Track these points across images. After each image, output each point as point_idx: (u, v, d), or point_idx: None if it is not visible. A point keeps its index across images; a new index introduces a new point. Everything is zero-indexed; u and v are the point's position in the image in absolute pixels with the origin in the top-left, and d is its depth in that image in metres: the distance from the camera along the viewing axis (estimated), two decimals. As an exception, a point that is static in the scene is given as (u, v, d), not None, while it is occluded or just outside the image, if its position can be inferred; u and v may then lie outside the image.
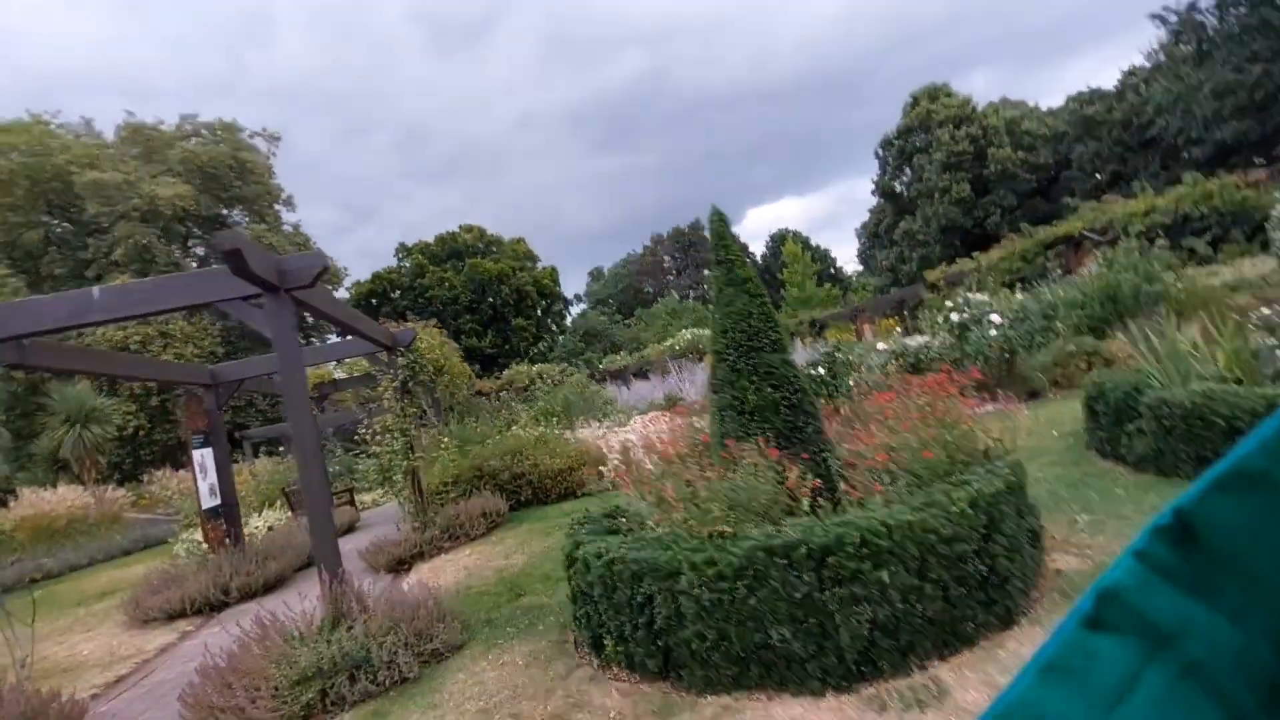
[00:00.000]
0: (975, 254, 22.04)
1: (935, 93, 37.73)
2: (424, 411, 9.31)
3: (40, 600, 11.06)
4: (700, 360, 23.46)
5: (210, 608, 7.11)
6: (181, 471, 23.53)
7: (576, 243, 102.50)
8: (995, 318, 9.51)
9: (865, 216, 44.82)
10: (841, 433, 4.51)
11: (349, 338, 8.47)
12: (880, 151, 40.78)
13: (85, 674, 5.66)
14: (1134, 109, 31.82)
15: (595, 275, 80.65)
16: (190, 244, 38.83)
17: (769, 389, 4.03)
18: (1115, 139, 32.85)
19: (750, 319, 4.15)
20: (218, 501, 7.98)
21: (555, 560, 6.13)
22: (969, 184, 34.76)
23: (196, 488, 7.79)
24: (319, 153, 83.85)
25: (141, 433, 28.20)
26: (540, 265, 54.75)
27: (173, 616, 6.98)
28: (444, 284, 47.46)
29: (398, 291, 48.77)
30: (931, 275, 22.59)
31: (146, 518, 18.77)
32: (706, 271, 72.18)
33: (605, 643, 3.39)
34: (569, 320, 59.02)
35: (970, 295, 10.28)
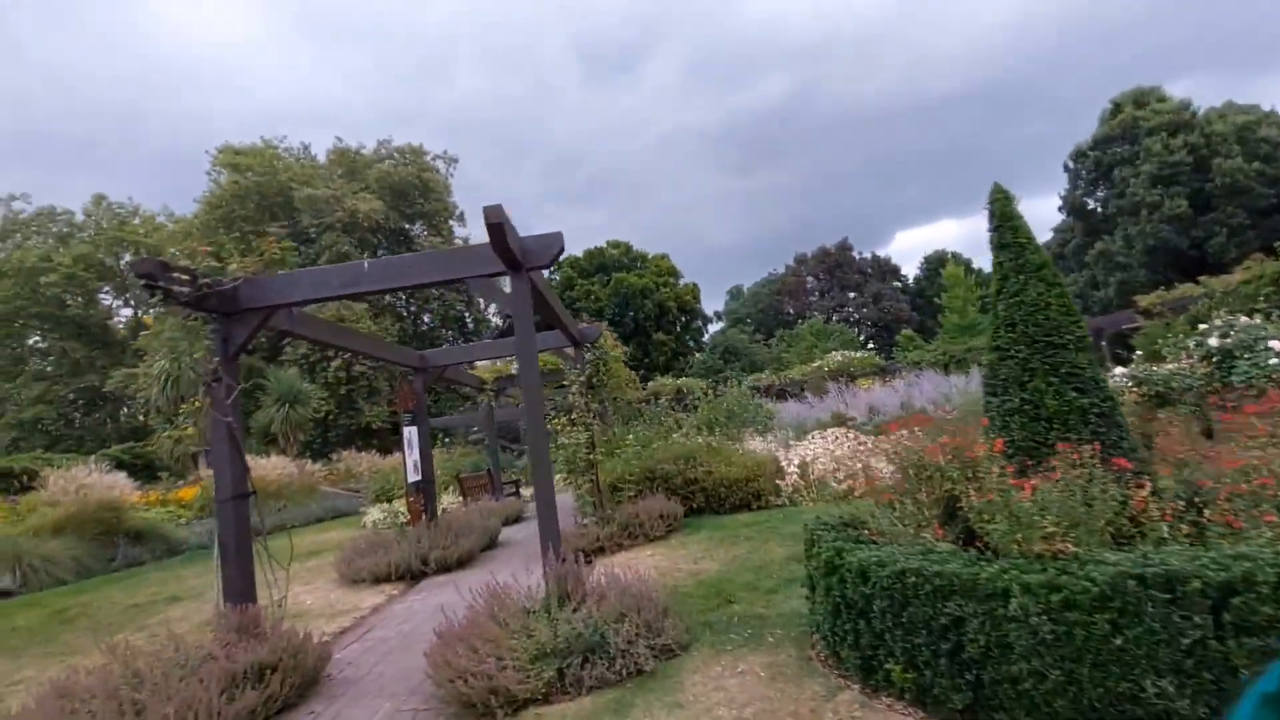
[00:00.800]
0: (1202, 278, 18.80)
1: (1143, 97, 33.22)
2: (603, 409, 9.39)
3: (258, 553, 12.65)
4: (851, 382, 22.14)
5: (411, 575, 7.52)
6: (366, 454, 26.08)
7: (714, 261, 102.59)
8: (1276, 344, 7.84)
9: (1041, 240, 40.33)
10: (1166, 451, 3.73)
11: (543, 331, 8.72)
12: (1071, 164, 36.56)
13: (312, 621, 6.13)
14: None
15: (734, 294, 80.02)
16: (379, 252, 43.55)
17: (1073, 393, 3.39)
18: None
19: (1048, 310, 3.54)
20: (419, 477, 8.51)
21: (754, 570, 5.76)
22: (1186, 200, 30.06)
23: (405, 462, 8.35)
24: (480, 175, 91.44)
25: (330, 417, 31.70)
26: (682, 282, 55.25)
27: (378, 580, 7.46)
28: (590, 296, 49.34)
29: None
30: (1146, 301, 19.60)
31: (335, 491, 20.91)
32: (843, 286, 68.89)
33: (886, 667, 2.94)
34: (707, 337, 58.85)
35: (1237, 318, 8.59)
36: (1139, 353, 14.91)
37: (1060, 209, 38.22)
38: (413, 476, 8.39)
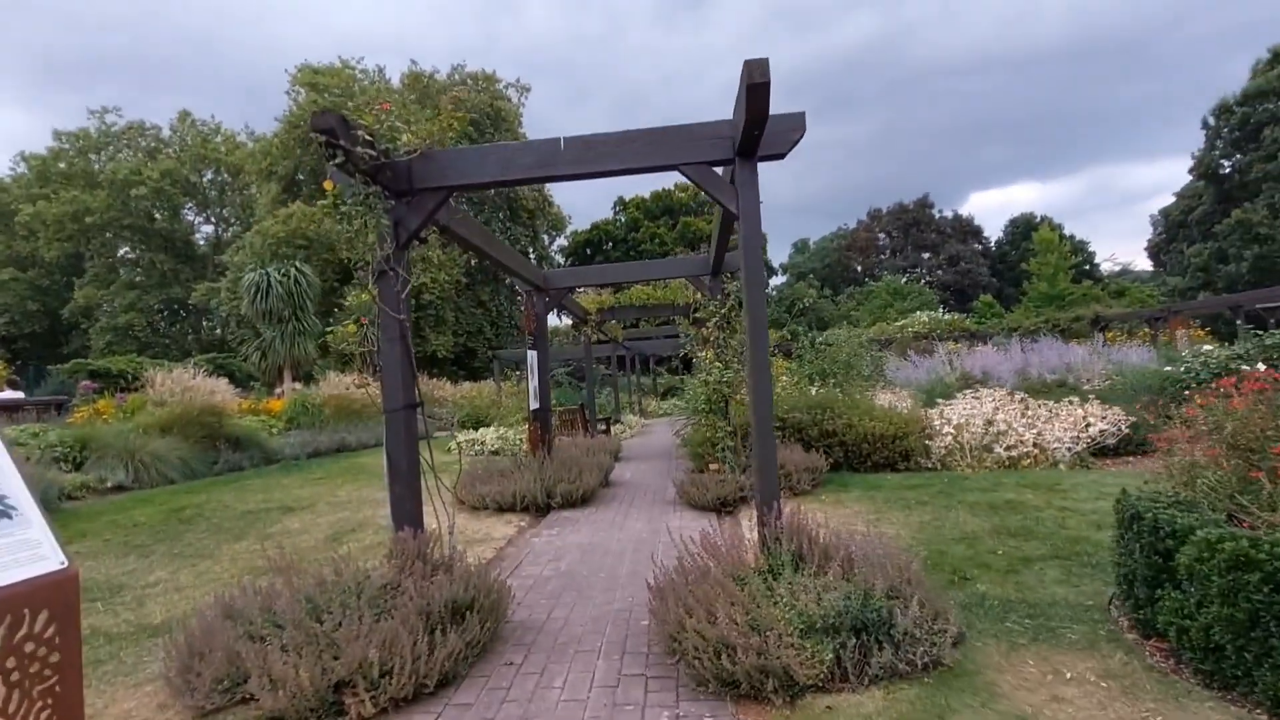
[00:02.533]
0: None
1: (1314, 45, 29.02)
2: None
3: (349, 469, 12.57)
4: (937, 344, 20.69)
5: (536, 508, 7.01)
6: (436, 381, 26.18)
7: (779, 214, 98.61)
8: None
9: (1138, 208, 36.49)
10: None
11: (692, 254, 7.82)
12: (1212, 120, 32.67)
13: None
14: None
15: (799, 247, 77.06)
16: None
17: None
18: None
19: None
20: (538, 405, 7.94)
21: (960, 543, 4.93)
22: (1353, 166, 26.45)
23: (528, 387, 7.77)
24: (545, 111, 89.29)
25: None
26: (752, 230, 53.17)
27: (502, 508, 6.99)
28: (655, 239, 48.11)
29: (611, 243, 50.50)
30: (1310, 275, 17.27)
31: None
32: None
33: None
34: (771, 289, 57.00)
35: None
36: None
37: (1191, 171, 34.48)
38: (533, 404, 7.82)
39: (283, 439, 14.05)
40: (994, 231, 62.48)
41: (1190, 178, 35.26)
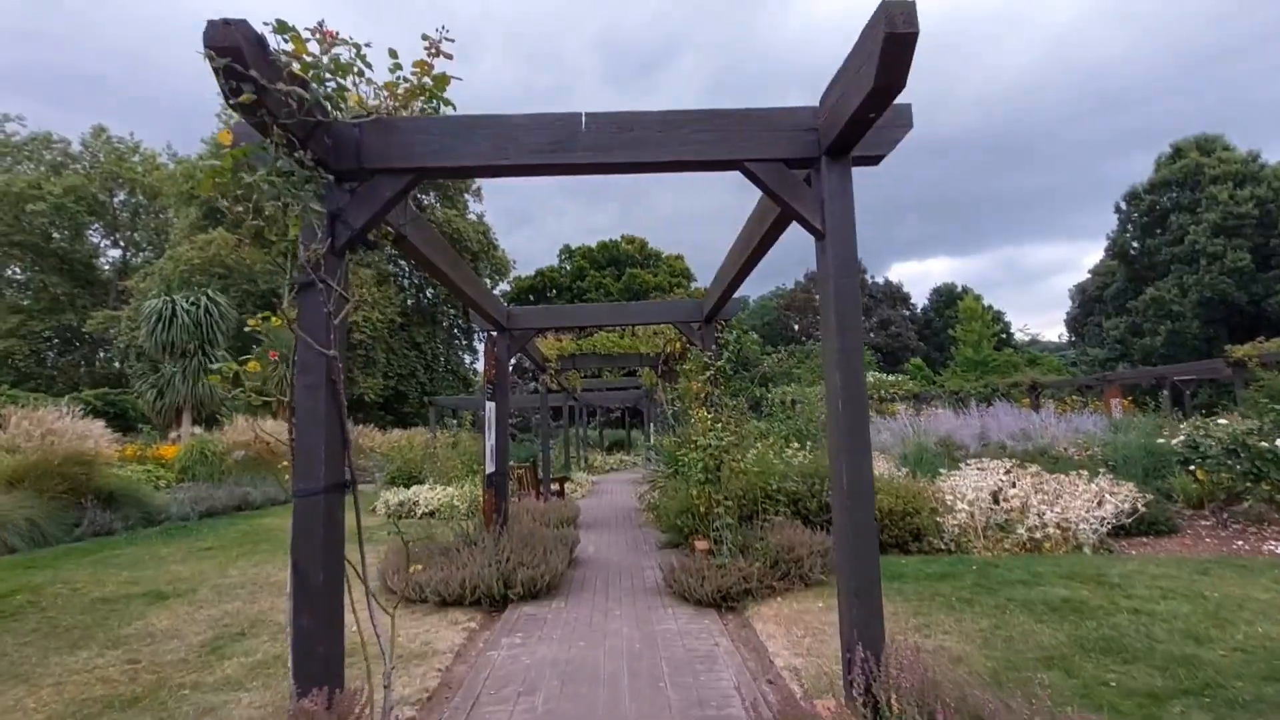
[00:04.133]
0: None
1: (1209, 144, 32.02)
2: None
3: (248, 535, 10.52)
4: (899, 404, 20.56)
5: (491, 601, 5.56)
6: (363, 428, 23.89)
7: (711, 272, 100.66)
8: None
9: (1038, 285, 38.96)
10: None
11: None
12: (1124, 205, 35.32)
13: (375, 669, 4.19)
14: None
15: (741, 304, 78.57)
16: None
17: None
18: None
19: None
20: (495, 468, 6.57)
21: (1034, 658, 3.89)
22: (1249, 253, 28.82)
23: (483, 447, 6.41)
24: None
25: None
26: (695, 285, 53.73)
27: (446, 602, 5.50)
28: (601, 289, 47.53)
29: (555, 290, 49.54)
30: (1240, 351, 18.06)
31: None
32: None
33: None
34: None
35: None
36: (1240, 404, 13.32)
37: (1107, 250, 36.99)
38: (489, 466, 6.45)
39: (171, 494, 11.87)
40: (919, 299, 65.50)
41: (1105, 256, 37.81)
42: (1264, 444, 7.02)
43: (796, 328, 71.77)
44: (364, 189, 2.80)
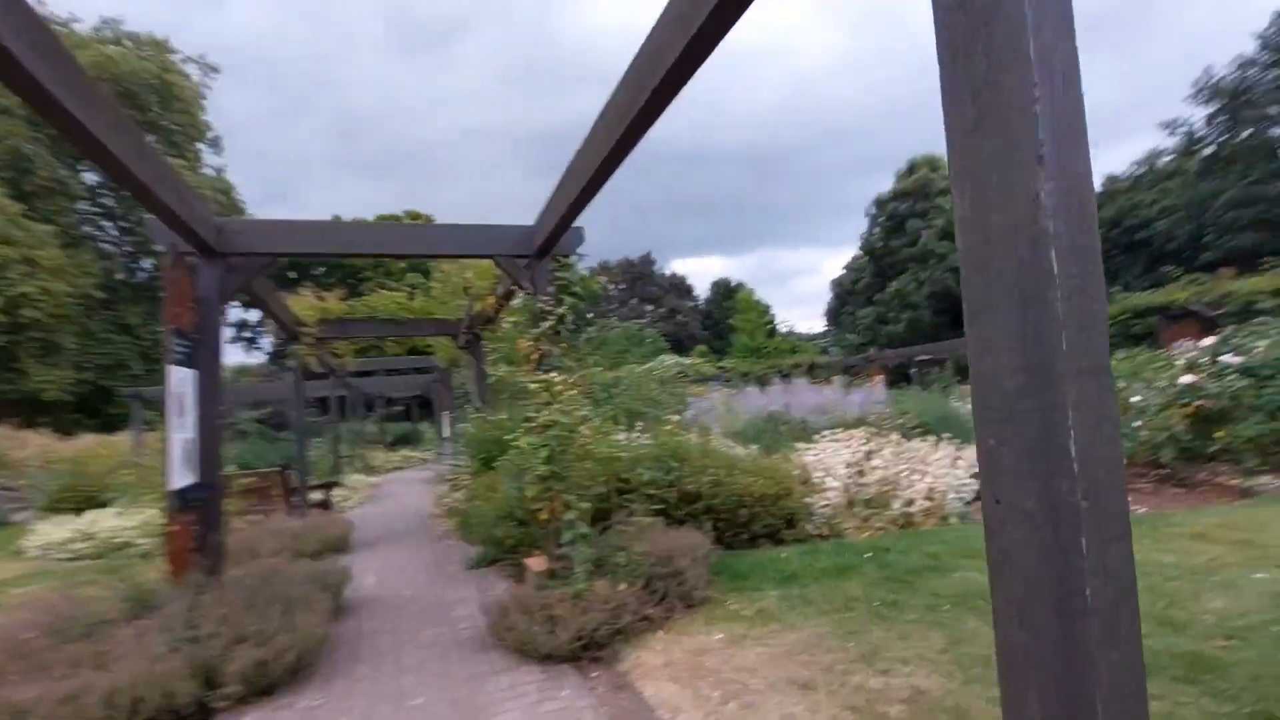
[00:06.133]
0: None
1: (936, 163, 37.91)
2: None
3: None
4: (712, 384, 20.64)
5: (178, 718, 3.07)
6: (31, 434, 17.41)
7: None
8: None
9: (790, 283, 44.21)
10: None
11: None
12: (873, 209, 40.47)
13: None
14: (1124, 211, 32.92)
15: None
16: (84, 163, 31.90)
17: None
18: (1103, 236, 33.80)
19: None
20: (194, 479, 3.94)
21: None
22: (964, 254, 34.65)
23: (169, 446, 3.74)
24: (245, 116, 74.64)
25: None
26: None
27: (71, 740, 2.89)
28: (380, 268, 42.24)
29: (324, 268, 42.91)
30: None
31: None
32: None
33: None
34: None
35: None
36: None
37: (860, 248, 42.14)
38: (179, 479, 3.82)
39: None
40: (702, 291, 69.93)
41: (857, 255, 43.16)
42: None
43: (591, 315, 72.01)
44: None
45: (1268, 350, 7.76)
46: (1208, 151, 28.28)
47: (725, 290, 70.22)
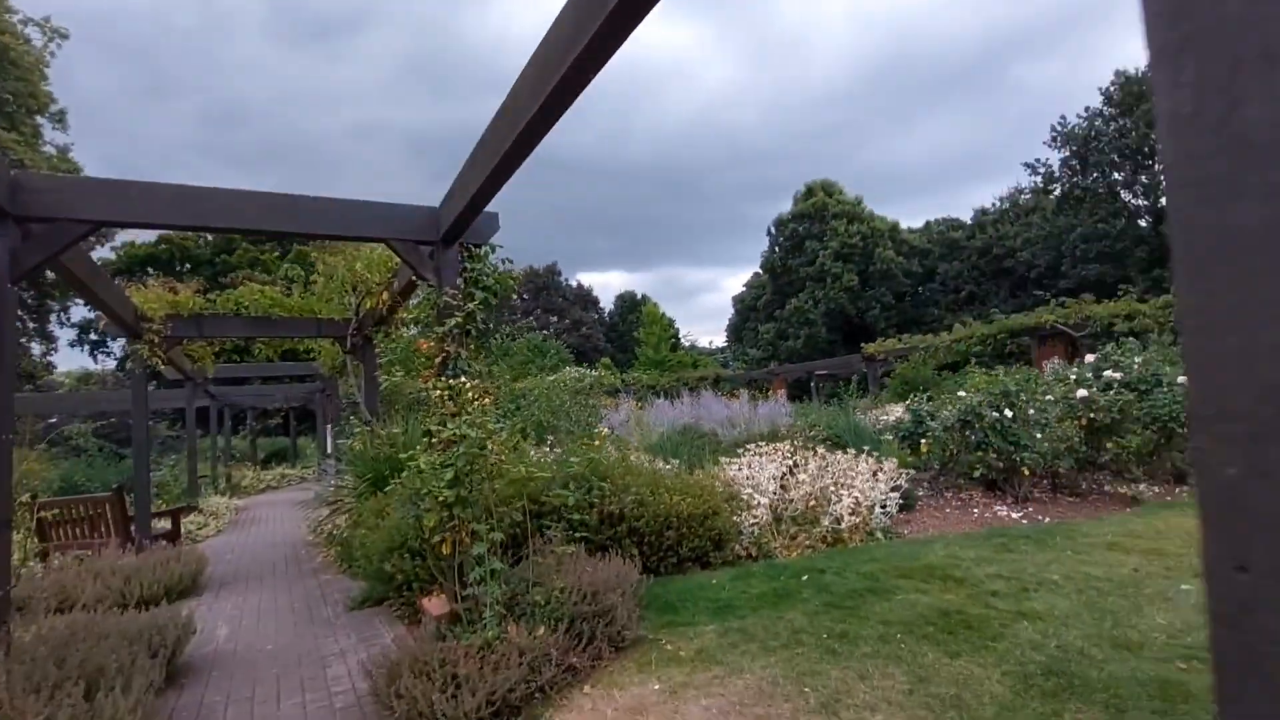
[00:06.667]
0: (906, 336, 21.91)
1: (831, 188, 39.95)
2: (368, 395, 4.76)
3: None
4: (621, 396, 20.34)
5: None
6: None
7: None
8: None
9: (689, 300, 45.35)
10: None
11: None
12: (773, 230, 41.96)
13: None
14: (992, 241, 36.13)
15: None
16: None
17: None
18: (973, 264, 36.96)
19: None
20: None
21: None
22: (857, 276, 36.58)
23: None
24: (113, 97, 66.36)
25: None
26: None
27: None
28: (259, 265, 38.56)
29: (190, 265, 38.62)
30: (871, 348, 21.97)
31: None
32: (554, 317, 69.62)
33: None
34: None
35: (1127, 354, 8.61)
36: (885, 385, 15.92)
37: (761, 267, 43.52)
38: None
39: None
40: (607, 304, 69.95)
41: (759, 274, 44.58)
42: (995, 414, 7.37)
43: (493, 325, 69.92)
44: None
45: (1142, 366, 8.36)
46: (1062, 191, 31.66)
47: (630, 303, 70.54)
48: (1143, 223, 30.17)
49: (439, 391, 3.63)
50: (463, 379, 3.63)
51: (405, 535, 4.63)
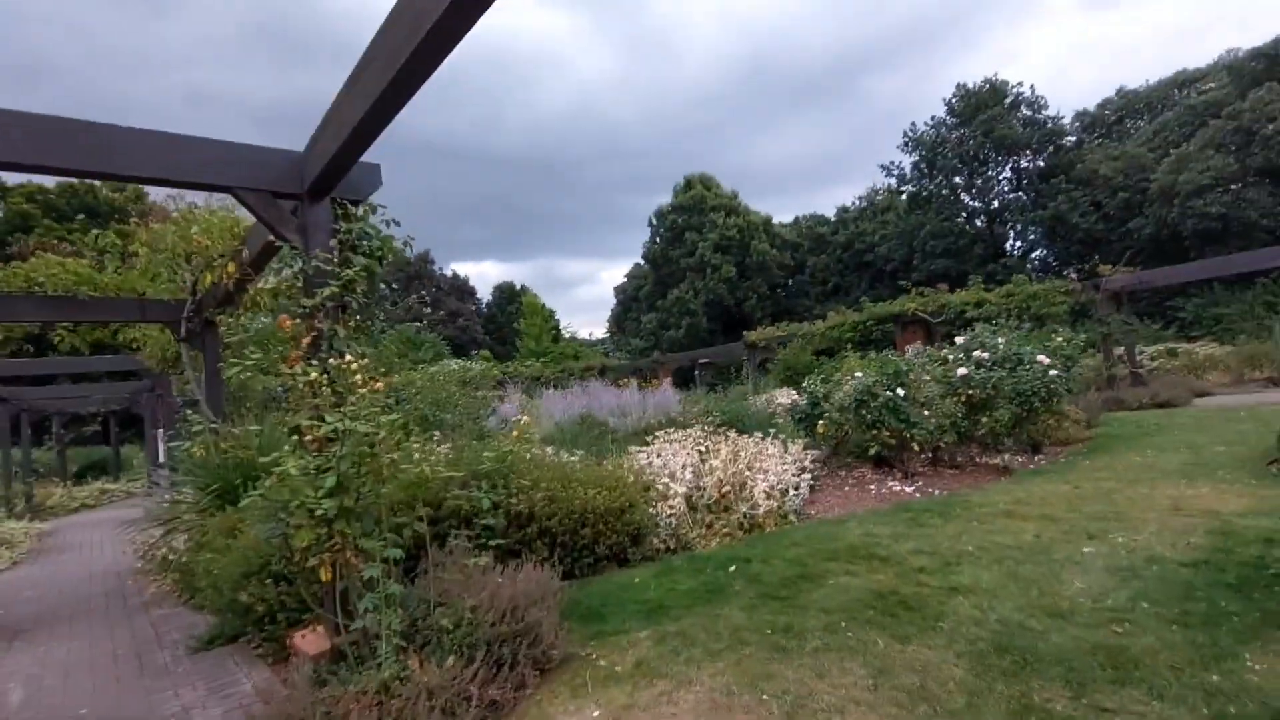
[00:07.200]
0: (782, 324, 22.87)
1: (709, 181, 40.91)
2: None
3: None
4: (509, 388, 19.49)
5: None
6: None
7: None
8: (1043, 358, 8.54)
9: (569, 291, 45.35)
10: None
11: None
12: (654, 221, 42.29)
13: None
14: (854, 236, 38.83)
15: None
16: None
17: None
18: (838, 257, 39.55)
19: None
20: None
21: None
22: (735, 267, 37.78)
23: None
24: None
25: None
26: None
27: None
28: (66, 242, 32.85)
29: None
30: (753, 336, 22.67)
31: None
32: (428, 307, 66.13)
33: None
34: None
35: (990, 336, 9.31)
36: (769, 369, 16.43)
37: (643, 257, 43.75)
38: None
39: None
40: (484, 294, 67.53)
41: (640, 264, 44.82)
42: (888, 393, 7.60)
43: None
44: None
45: (1005, 347, 9.07)
46: (913, 191, 34.65)
47: (509, 294, 68.49)
48: (979, 222, 33.80)
49: (312, 377, 2.90)
50: (348, 358, 2.93)
51: (267, 557, 3.79)
